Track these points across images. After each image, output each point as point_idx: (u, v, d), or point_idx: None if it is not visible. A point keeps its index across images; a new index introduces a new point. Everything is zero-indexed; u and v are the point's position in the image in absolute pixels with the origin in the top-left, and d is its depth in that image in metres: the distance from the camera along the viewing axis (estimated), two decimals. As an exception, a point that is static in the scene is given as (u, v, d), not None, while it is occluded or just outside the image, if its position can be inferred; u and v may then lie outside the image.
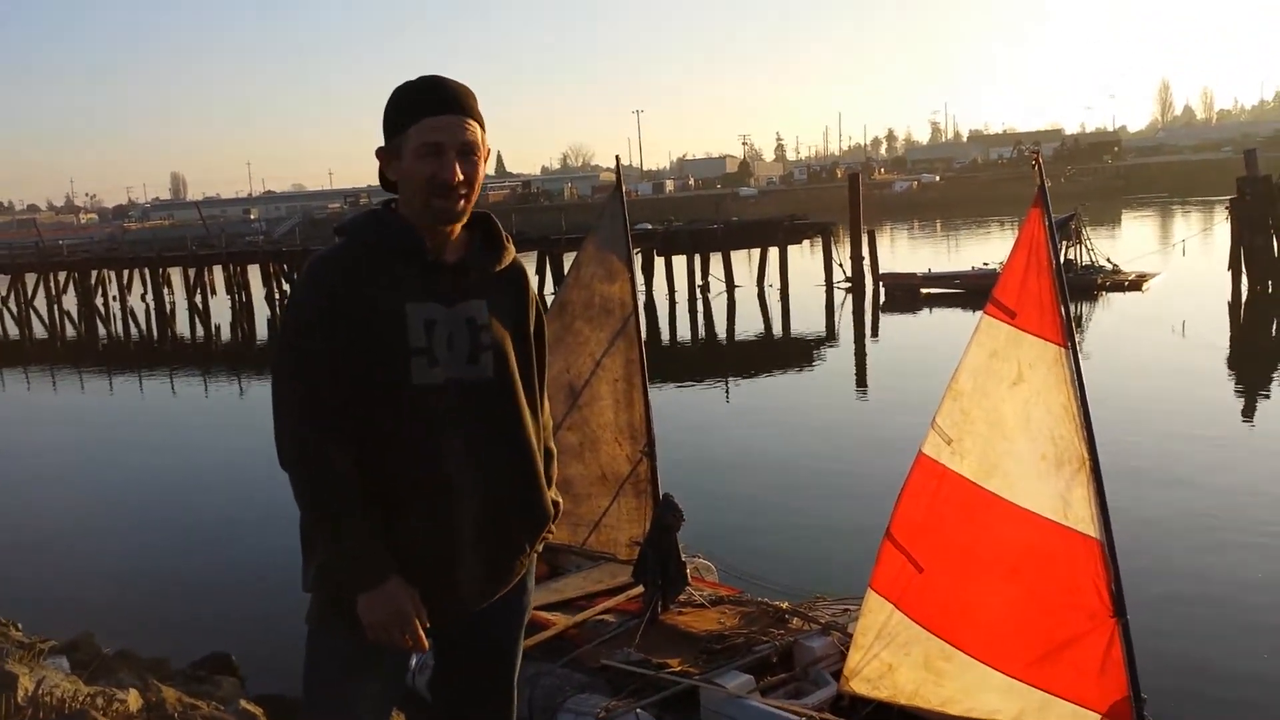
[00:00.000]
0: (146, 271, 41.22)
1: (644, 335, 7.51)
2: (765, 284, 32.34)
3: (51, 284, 43.28)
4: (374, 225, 2.46)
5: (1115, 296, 26.02)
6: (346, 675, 2.42)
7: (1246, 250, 25.40)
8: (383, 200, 2.54)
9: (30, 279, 43.72)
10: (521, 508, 2.52)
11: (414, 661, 2.50)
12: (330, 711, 2.44)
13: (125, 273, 42.24)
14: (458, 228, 2.48)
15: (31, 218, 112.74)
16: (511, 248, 2.57)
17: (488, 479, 2.44)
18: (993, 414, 4.81)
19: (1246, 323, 23.03)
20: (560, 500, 2.70)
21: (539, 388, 2.59)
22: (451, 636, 2.51)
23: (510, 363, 2.48)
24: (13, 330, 39.70)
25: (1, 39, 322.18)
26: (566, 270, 8.07)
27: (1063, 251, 26.96)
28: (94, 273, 42.97)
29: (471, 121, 2.42)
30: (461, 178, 2.38)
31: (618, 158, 7.85)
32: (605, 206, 7.72)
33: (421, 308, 2.38)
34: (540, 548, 2.66)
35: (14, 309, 42.95)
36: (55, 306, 42.28)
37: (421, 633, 2.34)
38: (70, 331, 38.57)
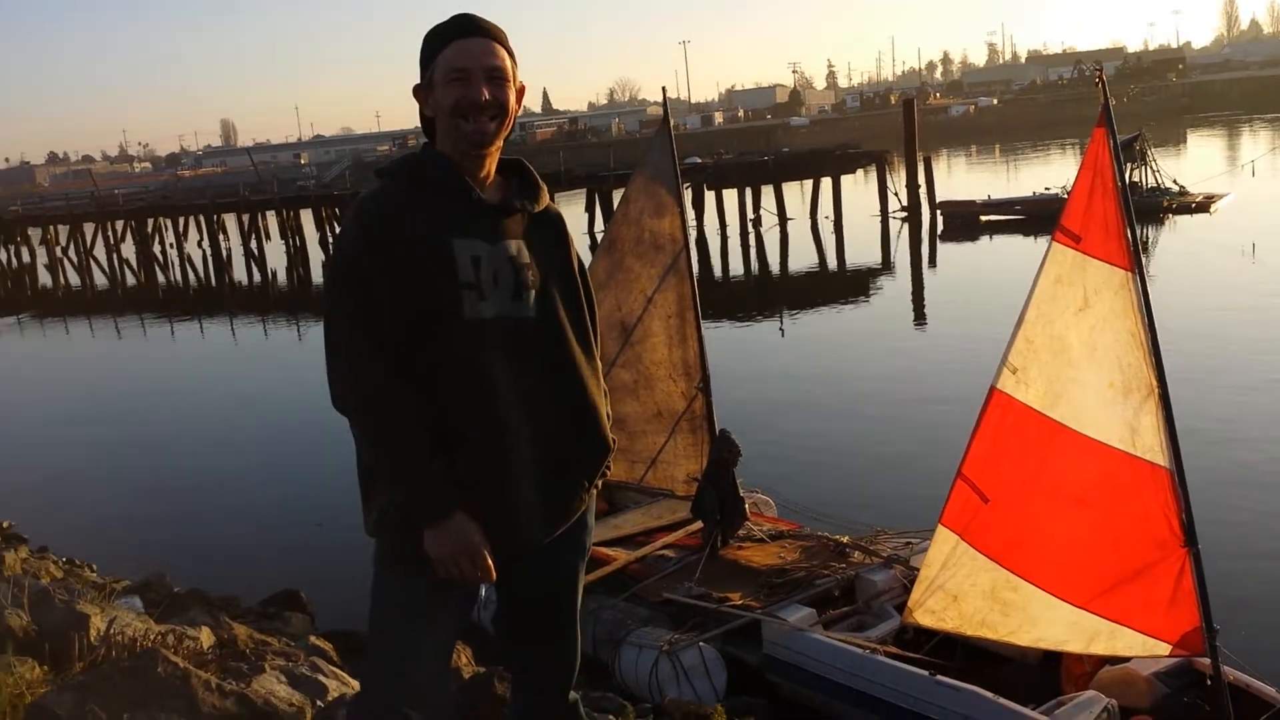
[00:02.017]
0: (201, 218, 41.72)
1: (695, 270, 7.44)
2: (819, 215, 31.89)
3: (110, 233, 43.92)
4: (414, 163, 2.47)
5: (1182, 219, 25.30)
6: (413, 613, 2.44)
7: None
8: (423, 143, 2.54)
9: (89, 229, 44.39)
10: (577, 443, 2.52)
11: (481, 593, 2.51)
12: (396, 649, 2.46)
13: (181, 220, 42.78)
14: (492, 167, 2.48)
15: (87, 168, 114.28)
16: (546, 191, 2.57)
17: (540, 415, 2.44)
18: (1058, 341, 4.69)
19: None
20: (615, 439, 2.68)
21: (591, 329, 2.59)
22: (514, 572, 2.50)
23: (555, 302, 2.48)
24: (74, 280, 40.50)
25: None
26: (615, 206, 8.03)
27: (1128, 174, 26.33)
28: (150, 221, 43.49)
29: (498, 46, 2.41)
30: (489, 98, 2.37)
31: (664, 90, 7.71)
32: (652, 141, 7.60)
33: (467, 243, 2.38)
34: (600, 484, 2.65)
35: (74, 259, 43.71)
36: (114, 255, 42.96)
37: (490, 563, 2.35)
38: (130, 280, 39.26)
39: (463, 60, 2.37)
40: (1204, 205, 26.04)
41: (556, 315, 2.47)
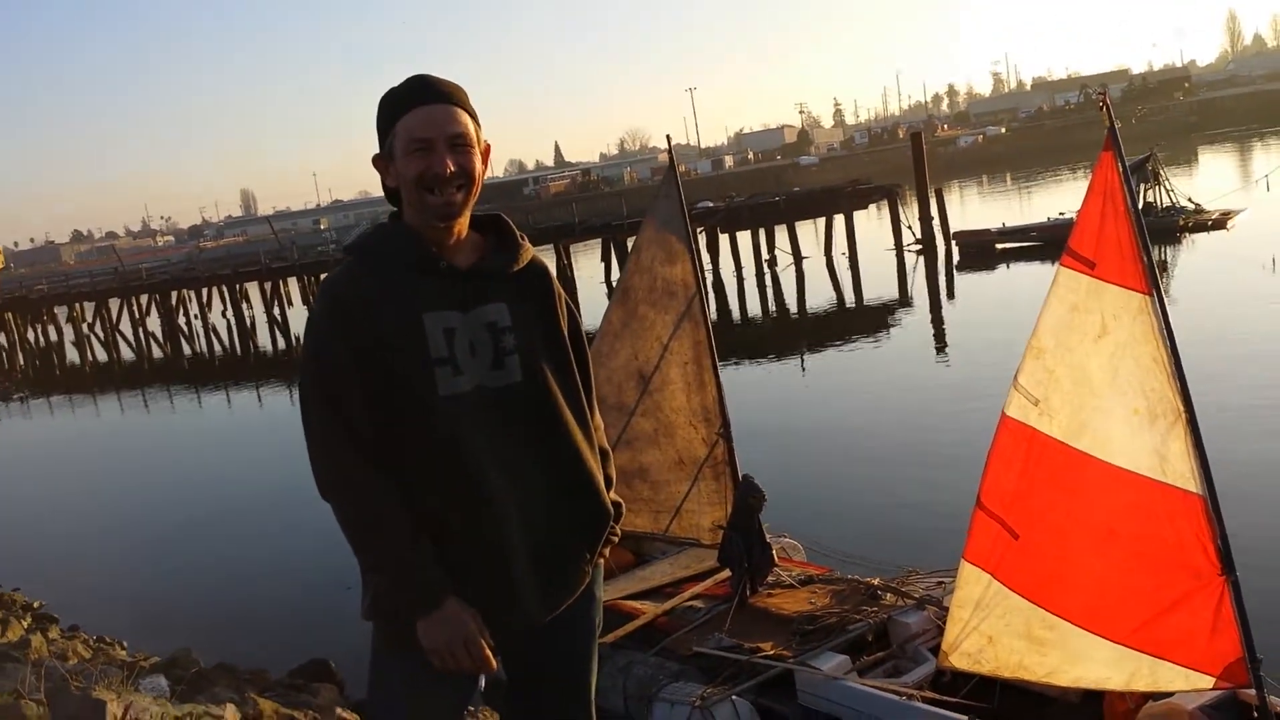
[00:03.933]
0: (224, 288, 42.16)
1: (713, 314, 7.42)
2: (834, 253, 31.89)
3: (135, 307, 44.44)
4: (379, 239, 2.40)
5: (1199, 237, 25.14)
6: (412, 700, 2.36)
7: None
8: (390, 213, 2.47)
9: (114, 304, 44.96)
10: (572, 513, 2.42)
11: (482, 682, 2.41)
12: None
13: (204, 291, 43.22)
14: (464, 227, 2.40)
15: (110, 244, 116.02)
16: (529, 246, 2.48)
17: (529, 486, 2.35)
18: (1078, 370, 4.61)
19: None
20: (621, 502, 2.59)
21: (584, 389, 2.50)
22: (519, 653, 2.43)
23: (540, 365, 2.39)
24: (101, 355, 40.92)
25: (69, 83, 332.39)
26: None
27: (1141, 194, 26.26)
28: (174, 293, 44.02)
29: (460, 111, 2.34)
30: (454, 169, 2.30)
31: (668, 137, 7.74)
32: (659, 188, 7.62)
33: (438, 316, 2.30)
34: (607, 553, 2.56)
35: (100, 334, 44.23)
36: (140, 329, 43.44)
37: (488, 652, 2.26)
38: (156, 352, 39.63)
39: (424, 130, 2.29)
40: (1220, 222, 25.87)
41: (543, 379, 2.39)
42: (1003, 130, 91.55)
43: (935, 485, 10.28)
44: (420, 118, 2.30)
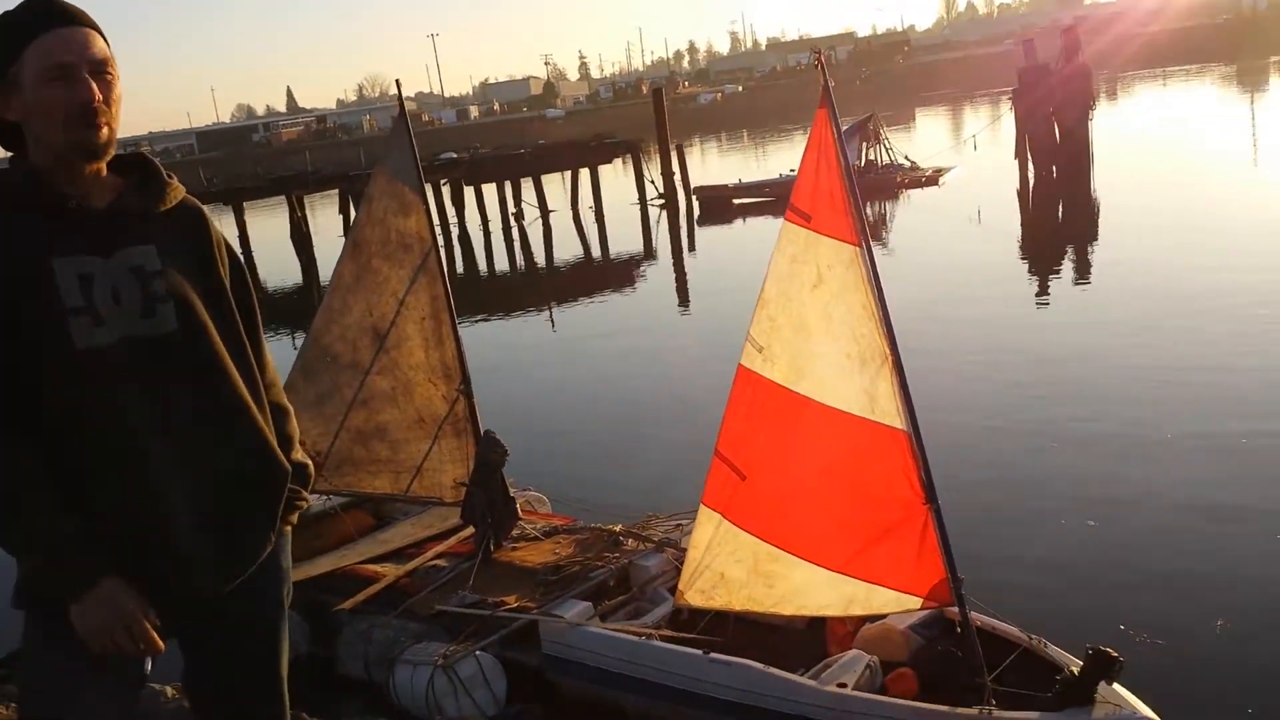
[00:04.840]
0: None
1: (459, 269, 7.26)
2: (580, 206, 32.12)
3: None
4: (2, 181, 2.13)
5: (915, 193, 27.01)
6: (70, 694, 2.12)
7: (1031, 139, 26.85)
8: (10, 158, 2.21)
9: None
10: (245, 475, 2.25)
11: (149, 665, 2.22)
12: None
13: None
14: (103, 167, 2.18)
15: None
16: (179, 186, 2.28)
17: (192, 446, 2.16)
18: (797, 319, 4.84)
19: (1034, 208, 24.37)
20: (307, 463, 2.45)
21: (252, 339, 2.32)
22: (195, 631, 2.25)
23: (198, 312, 2.19)
24: None
25: None
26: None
27: (864, 152, 27.91)
28: None
29: (99, 37, 2.13)
30: (100, 98, 2.09)
31: (398, 82, 7.43)
32: (389, 137, 7.36)
33: (71, 261, 2.07)
34: (294, 520, 2.41)
35: None
36: None
37: (153, 633, 2.09)
38: None
39: (64, 54, 2.05)
40: (933, 179, 27.93)
41: (202, 328, 2.19)
42: (740, 89, 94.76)
43: (679, 434, 10.58)
44: (59, 41, 2.06)
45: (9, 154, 2.21)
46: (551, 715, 5.17)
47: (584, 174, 32.06)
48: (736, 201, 29.08)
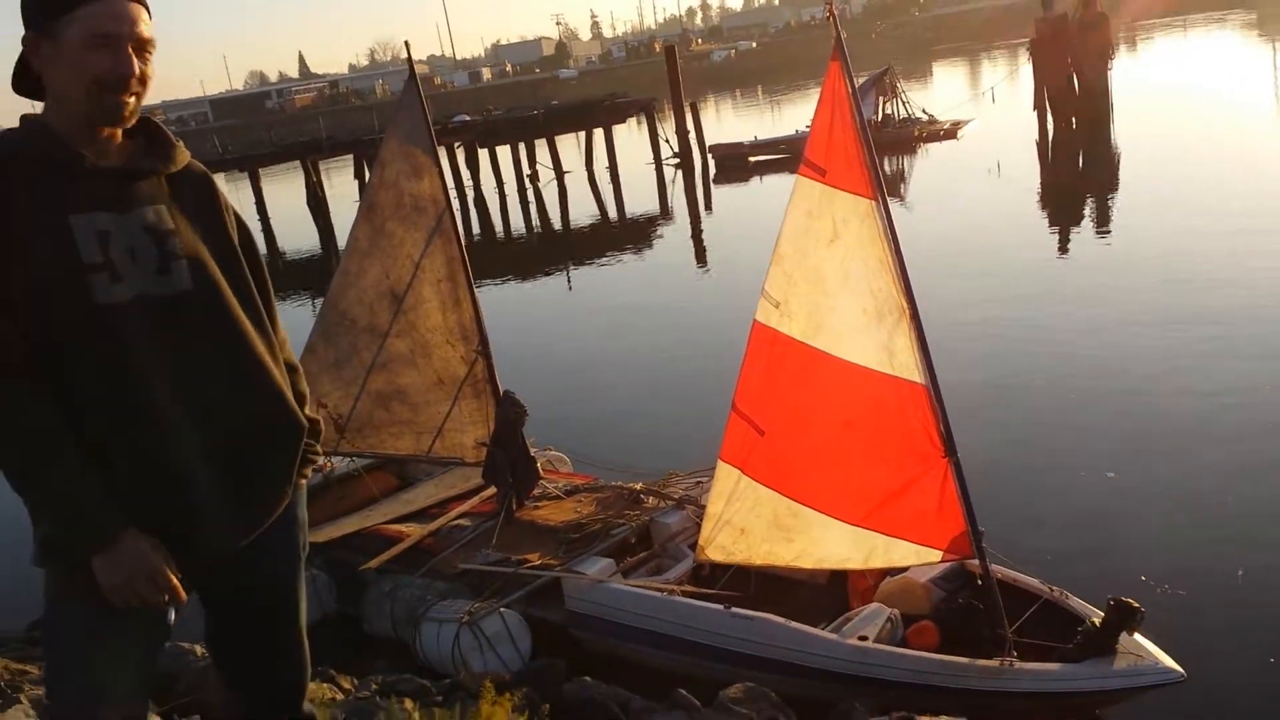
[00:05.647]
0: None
1: (475, 231, 7.26)
2: (595, 167, 31.95)
3: None
4: (18, 138, 2.16)
5: (933, 146, 26.75)
6: (94, 646, 2.16)
7: (1049, 90, 26.47)
8: (23, 116, 2.22)
9: None
10: (263, 429, 2.28)
11: (172, 616, 2.25)
12: (80, 687, 2.17)
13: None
14: (119, 133, 2.21)
15: None
16: (184, 149, 2.31)
17: (209, 401, 2.19)
18: (813, 273, 4.83)
19: (1054, 160, 24.10)
20: (318, 420, 2.47)
21: (263, 297, 2.35)
22: (214, 585, 2.29)
23: (211, 271, 2.22)
24: None
25: None
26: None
27: (880, 106, 27.63)
28: None
29: (146, 13, 2.17)
30: (137, 73, 2.13)
31: (407, 44, 7.39)
32: (400, 100, 7.33)
33: (89, 218, 2.09)
34: (309, 474, 2.44)
35: None
36: None
37: (176, 582, 2.12)
38: None
39: (113, 24, 2.09)
40: (951, 132, 27.63)
41: (217, 285, 2.22)
42: (754, 45, 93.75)
43: (696, 392, 10.60)
44: (110, 10, 2.10)
45: (24, 107, 2.25)
46: (575, 670, 5.23)
47: (598, 134, 31.84)
48: (752, 159, 28.86)
